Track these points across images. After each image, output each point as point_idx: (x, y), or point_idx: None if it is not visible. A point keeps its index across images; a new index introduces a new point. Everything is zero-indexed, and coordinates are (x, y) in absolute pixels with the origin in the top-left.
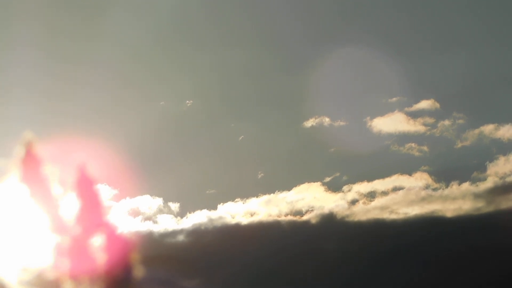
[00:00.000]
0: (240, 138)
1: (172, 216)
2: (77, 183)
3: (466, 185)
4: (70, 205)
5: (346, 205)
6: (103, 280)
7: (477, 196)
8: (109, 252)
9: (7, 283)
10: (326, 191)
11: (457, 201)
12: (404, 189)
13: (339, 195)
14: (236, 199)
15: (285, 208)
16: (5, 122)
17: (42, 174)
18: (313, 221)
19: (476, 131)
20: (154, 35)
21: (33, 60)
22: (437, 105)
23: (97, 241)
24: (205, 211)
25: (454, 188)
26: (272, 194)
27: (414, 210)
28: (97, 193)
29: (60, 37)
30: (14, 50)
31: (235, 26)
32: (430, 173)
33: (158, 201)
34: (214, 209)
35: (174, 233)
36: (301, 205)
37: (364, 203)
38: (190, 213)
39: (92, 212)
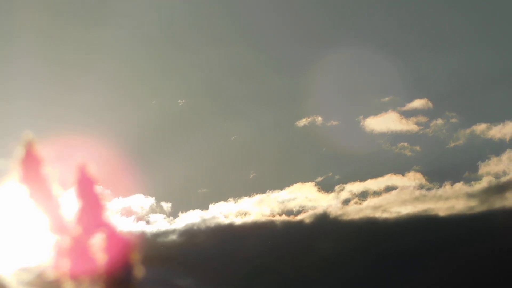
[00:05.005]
0: (233, 137)
1: (164, 216)
2: (77, 183)
3: (459, 185)
4: (70, 205)
5: (339, 205)
6: (104, 280)
7: (469, 195)
8: (109, 252)
9: (7, 283)
10: (319, 191)
11: (450, 200)
12: (397, 189)
13: (331, 195)
14: (229, 199)
15: (277, 208)
16: (5, 123)
17: (42, 174)
18: (307, 220)
19: (468, 130)
20: (146, 36)
21: (32, 65)
22: (430, 104)
23: (97, 241)
24: (197, 211)
25: (447, 188)
26: (264, 194)
27: (407, 210)
28: (97, 193)
29: (56, 43)
30: (15, 56)
31: (228, 27)
32: (423, 173)
33: (151, 201)
34: (206, 209)
35: (166, 233)
36: (293, 205)
37: (356, 203)
38: (182, 212)
39: (92, 212)
